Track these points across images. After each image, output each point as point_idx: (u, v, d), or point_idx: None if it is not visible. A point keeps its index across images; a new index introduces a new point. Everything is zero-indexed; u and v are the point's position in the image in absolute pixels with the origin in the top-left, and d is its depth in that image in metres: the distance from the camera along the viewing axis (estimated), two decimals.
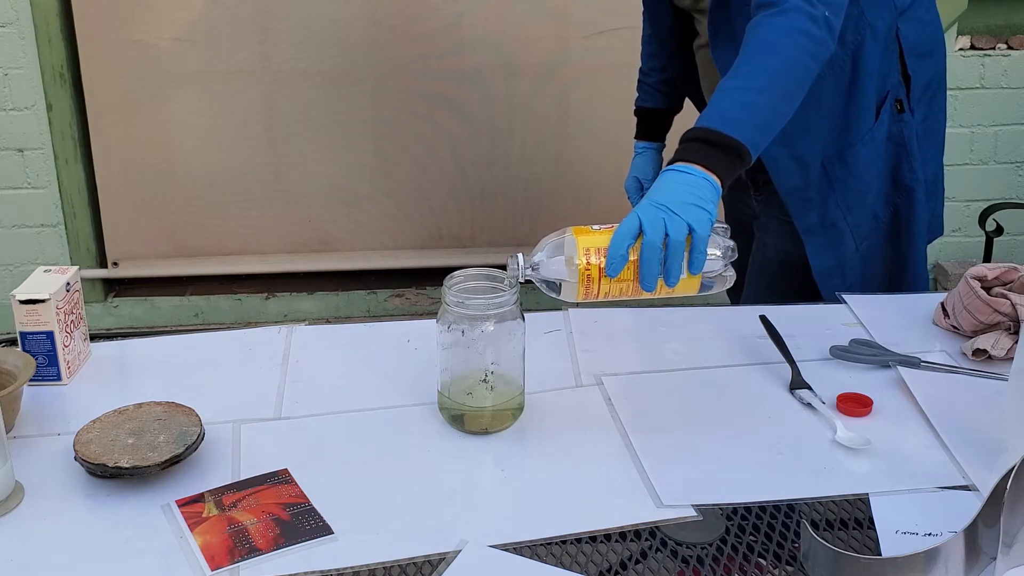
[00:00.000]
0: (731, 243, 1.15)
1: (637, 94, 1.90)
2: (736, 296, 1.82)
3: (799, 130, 1.43)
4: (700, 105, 1.78)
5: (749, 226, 1.76)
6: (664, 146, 1.90)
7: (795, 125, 1.30)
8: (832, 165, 1.58)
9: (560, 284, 1.11)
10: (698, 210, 1.11)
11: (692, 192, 1.13)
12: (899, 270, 1.66)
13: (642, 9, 1.79)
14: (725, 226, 1.15)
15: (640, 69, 1.89)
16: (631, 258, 1.09)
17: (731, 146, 1.18)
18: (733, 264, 1.16)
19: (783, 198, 1.60)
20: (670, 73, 1.82)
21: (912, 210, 1.62)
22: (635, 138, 1.91)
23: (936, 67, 1.64)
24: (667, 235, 1.08)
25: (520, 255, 1.11)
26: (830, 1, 1.30)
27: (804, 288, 1.64)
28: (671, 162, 1.18)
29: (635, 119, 1.91)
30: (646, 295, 1.12)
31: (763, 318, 1.42)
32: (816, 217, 1.61)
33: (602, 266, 1.08)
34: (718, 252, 1.14)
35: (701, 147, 1.17)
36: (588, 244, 1.09)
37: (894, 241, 1.65)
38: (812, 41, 1.27)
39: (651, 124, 1.89)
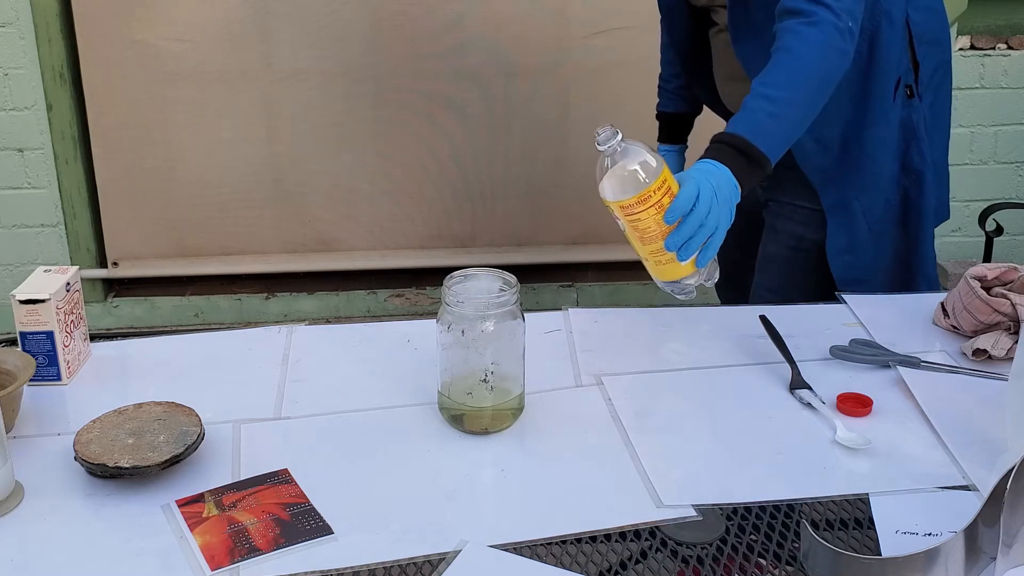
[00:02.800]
0: (718, 274, 1.23)
1: (658, 99, 1.96)
2: (745, 287, 1.82)
3: (820, 115, 1.46)
4: (714, 102, 1.81)
5: (755, 216, 1.76)
6: (687, 147, 1.96)
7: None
8: (850, 146, 1.62)
9: (616, 176, 1.15)
10: (729, 212, 1.20)
11: (730, 192, 1.21)
12: (909, 252, 1.69)
13: (659, 17, 1.82)
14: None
15: (660, 75, 1.95)
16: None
17: (758, 158, 1.26)
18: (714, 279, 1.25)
19: (808, 176, 1.64)
20: (687, 79, 1.87)
21: (921, 193, 1.65)
22: (658, 141, 1.97)
23: (943, 55, 1.67)
24: (707, 215, 1.16)
25: (620, 132, 1.15)
26: (852, 10, 1.37)
27: (815, 273, 1.66)
28: (705, 157, 1.25)
29: (657, 123, 1.96)
30: (651, 246, 1.18)
31: (763, 318, 1.42)
32: (837, 195, 1.64)
33: (662, 204, 1.14)
34: (715, 262, 1.21)
35: (732, 153, 1.25)
36: (667, 178, 1.15)
37: (904, 224, 1.67)
38: (839, 55, 1.35)
39: (673, 128, 1.95)
